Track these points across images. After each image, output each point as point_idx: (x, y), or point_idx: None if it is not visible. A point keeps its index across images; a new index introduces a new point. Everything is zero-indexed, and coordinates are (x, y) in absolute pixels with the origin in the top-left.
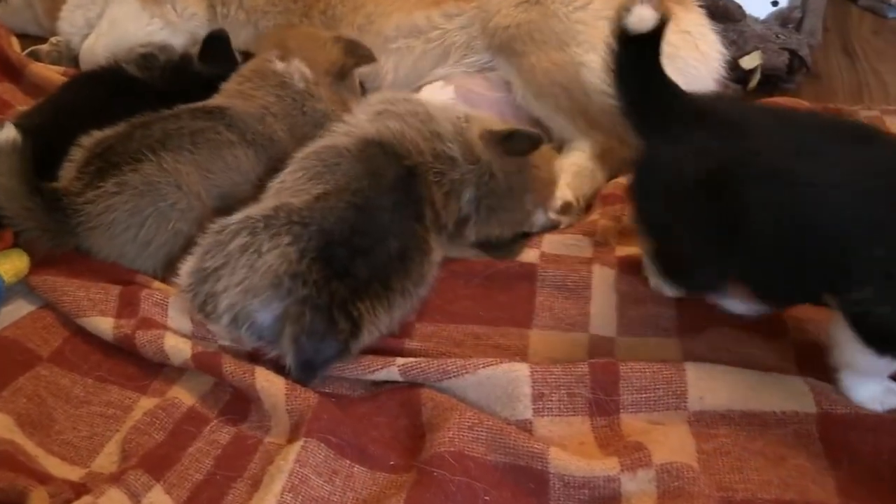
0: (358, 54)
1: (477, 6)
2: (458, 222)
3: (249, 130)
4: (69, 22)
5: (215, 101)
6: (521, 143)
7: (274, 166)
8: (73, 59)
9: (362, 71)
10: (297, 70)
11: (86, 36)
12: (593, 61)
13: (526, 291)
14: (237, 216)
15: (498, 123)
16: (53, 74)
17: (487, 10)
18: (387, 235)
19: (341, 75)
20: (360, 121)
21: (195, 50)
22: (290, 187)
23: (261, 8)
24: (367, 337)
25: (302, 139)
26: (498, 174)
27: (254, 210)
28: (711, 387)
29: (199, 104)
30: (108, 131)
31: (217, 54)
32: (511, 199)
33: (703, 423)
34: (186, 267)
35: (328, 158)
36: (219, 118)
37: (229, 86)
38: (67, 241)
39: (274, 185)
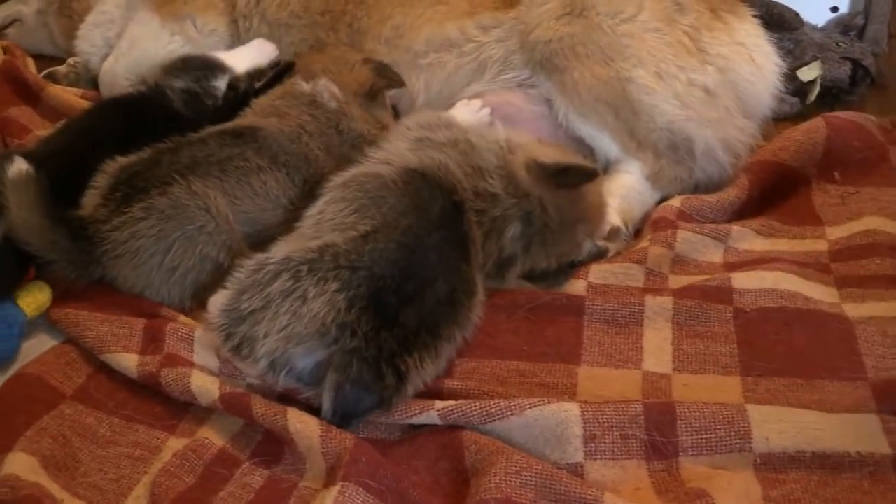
0: (387, 76)
1: (515, 18)
2: (499, 263)
3: (283, 151)
4: (87, 42)
5: (248, 119)
6: (573, 178)
7: (310, 189)
8: (92, 81)
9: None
10: (326, 89)
11: (105, 56)
12: (641, 77)
13: (573, 325)
14: (276, 254)
15: (544, 150)
16: (71, 97)
17: (527, 22)
18: (436, 277)
19: (371, 96)
20: (400, 148)
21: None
22: (331, 220)
23: (284, 21)
24: (411, 389)
25: (340, 160)
26: (549, 208)
27: (296, 251)
28: (778, 427)
29: (230, 124)
30: (132, 157)
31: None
32: (563, 231)
33: (770, 466)
34: (218, 303)
35: (372, 190)
36: (249, 141)
37: (263, 101)
38: (93, 272)
39: (312, 214)
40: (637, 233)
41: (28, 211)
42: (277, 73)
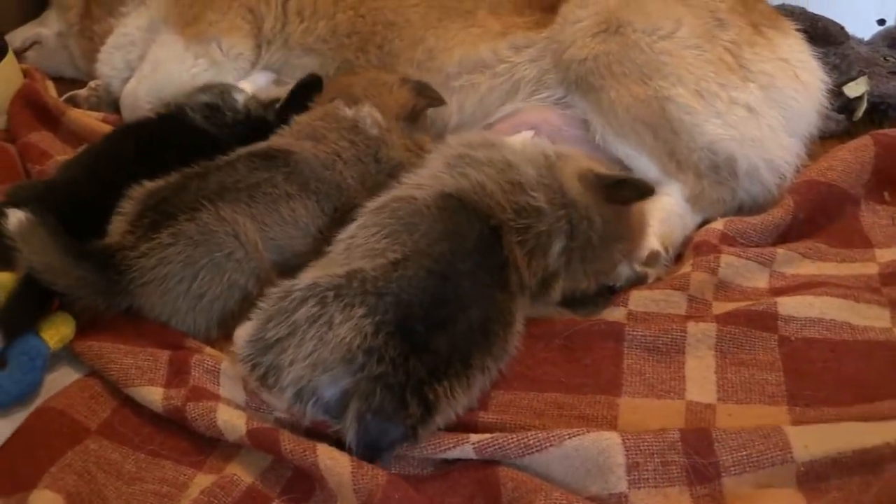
0: (428, 95)
1: (548, 37)
2: (543, 280)
3: (314, 178)
4: (108, 64)
5: (281, 141)
6: (628, 192)
7: (340, 217)
8: (114, 104)
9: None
10: (369, 115)
11: (126, 79)
12: (680, 95)
13: (612, 352)
14: (303, 281)
15: (596, 164)
16: (92, 121)
17: (560, 40)
18: (469, 305)
19: (413, 118)
20: (436, 170)
21: (259, 95)
22: (361, 245)
23: (310, 46)
24: (440, 421)
25: (373, 188)
26: (596, 219)
27: (322, 276)
28: (816, 434)
29: (262, 146)
30: (159, 182)
31: (308, 100)
32: (603, 247)
33: (813, 475)
34: (244, 334)
35: (405, 216)
36: (280, 166)
37: (303, 119)
38: (121, 301)
39: (343, 239)
40: (678, 257)
41: (46, 255)
42: (299, 87)
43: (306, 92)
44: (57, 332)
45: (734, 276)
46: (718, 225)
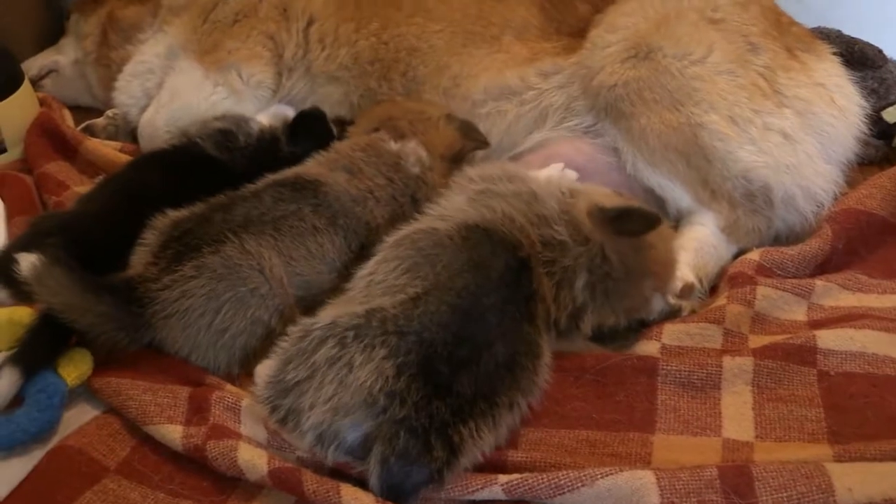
0: (474, 137)
1: (577, 63)
2: (571, 314)
3: (343, 214)
4: (126, 93)
5: (313, 169)
6: (634, 223)
7: (365, 254)
8: (131, 134)
9: None
10: (414, 153)
11: (144, 108)
12: (713, 122)
13: (645, 388)
14: (322, 320)
15: (608, 197)
16: (110, 151)
17: (589, 66)
18: (494, 341)
19: (457, 159)
20: (458, 202)
21: (274, 124)
22: (381, 282)
23: (332, 74)
24: (466, 462)
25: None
26: (611, 256)
27: (342, 315)
28: (860, 477)
29: (291, 173)
30: (184, 212)
31: (310, 133)
32: (628, 283)
33: None
34: (264, 375)
35: (426, 247)
36: (308, 197)
37: (343, 148)
38: (144, 336)
39: (363, 276)
40: (713, 289)
41: (65, 295)
42: (300, 120)
43: (308, 124)
44: (75, 368)
45: (771, 309)
46: (754, 255)
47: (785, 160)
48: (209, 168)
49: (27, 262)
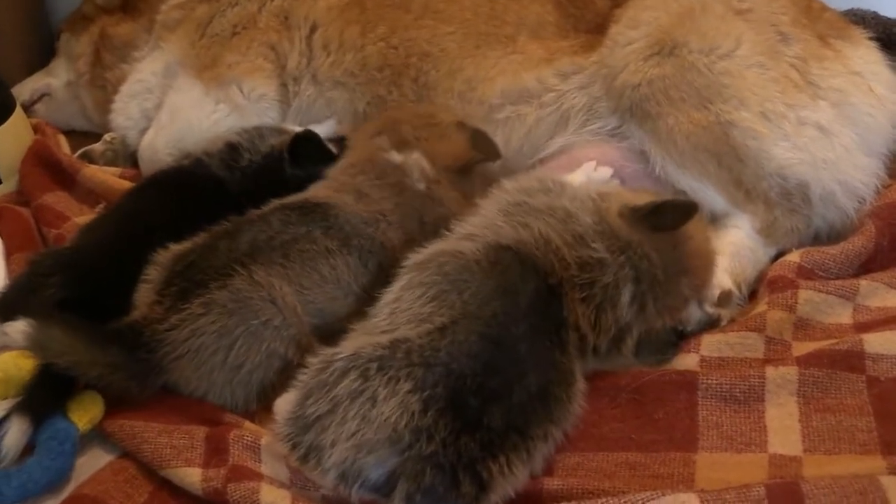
0: (485, 148)
1: (598, 61)
2: (614, 338)
3: (356, 235)
4: (123, 115)
5: (320, 193)
6: (671, 216)
7: (385, 275)
8: (131, 158)
9: None
10: (417, 166)
11: (144, 130)
12: (745, 119)
13: (685, 404)
14: (344, 350)
15: (637, 194)
16: (110, 178)
17: (611, 65)
18: (526, 371)
19: (465, 171)
20: (490, 218)
21: (280, 141)
22: (406, 310)
23: (339, 80)
24: (497, 497)
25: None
26: (652, 255)
27: (365, 346)
28: None
29: (298, 198)
30: (186, 244)
31: (308, 156)
32: (669, 282)
33: None
34: (284, 410)
35: (452, 272)
36: (318, 220)
37: (339, 177)
38: (156, 380)
39: (387, 302)
40: (752, 295)
41: (69, 354)
42: (295, 144)
43: (303, 148)
44: (86, 412)
45: (814, 313)
46: (794, 257)
47: (822, 155)
48: (213, 189)
49: (17, 330)
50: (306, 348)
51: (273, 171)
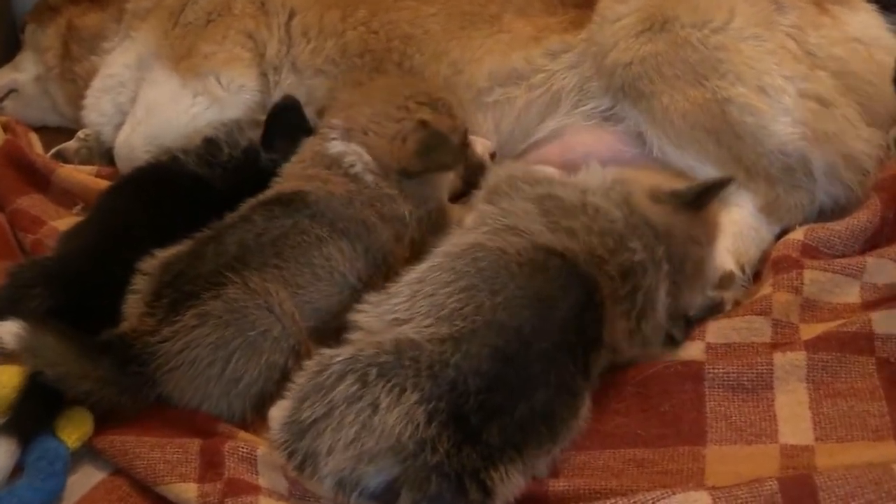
0: (436, 159)
1: (587, 39)
2: (647, 340)
3: (339, 217)
4: (96, 110)
5: (288, 184)
6: (712, 193)
7: (375, 265)
8: (107, 154)
9: None
10: (358, 158)
11: (118, 125)
12: (742, 95)
13: (692, 396)
14: (342, 352)
15: (649, 175)
16: (85, 177)
17: (600, 43)
18: (534, 389)
19: (410, 177)
20: (526, 213)
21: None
22: (429, 296)
23: (319, 68)
24: (501, 502)
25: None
26: (684, 238)
27: (364, 347)
28: None
29: (272, 193)
30: (172, 250)
31: (285, 129)
32: (700, 262)
33: None
34: (279, 415)
35: (488, 271)
36: (301, 209)
37: (292, 169)
38: (149, 393)
39: (410, 281)
40: (756, 275)
41: (59, 364)
42: (275, 112)
43: (284, 117)
44: (75, 429)
45: (821, 294)
46: (798, 235)
47: (823, 128)
48: (193, 187)
49: (10, 332)
50: (305, 356)
51: (254, 165)
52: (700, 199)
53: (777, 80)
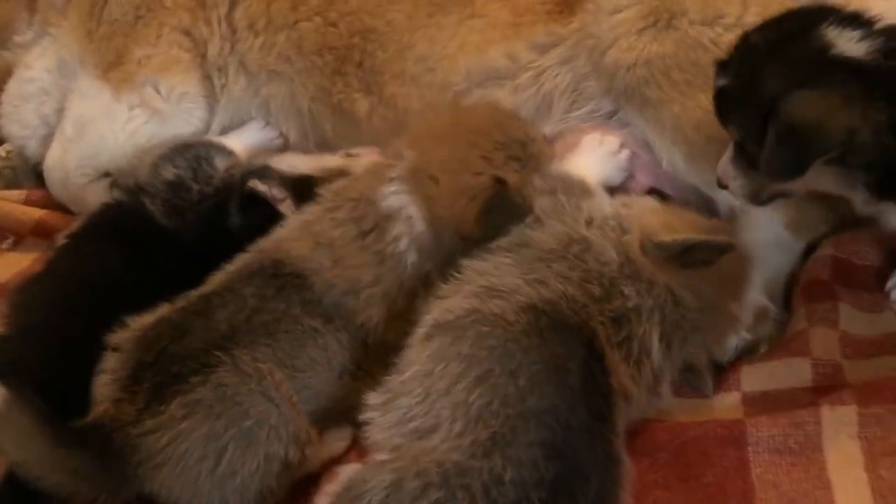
0: (490, 223)
1: (579, 30)
2: (650, 385)
3: (337, 313)
4: (16, 121)
5: (295, 246)
6: (704, 255)
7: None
8: (35, 172)
9: None
10: (407, 223)
11: (44, 138)
12: None
13: (736, 464)
14: (373, 478)
15: (655, 212)
16: (14, 206)
17: (597, 35)
18: (588, 477)
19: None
20: (498, 265)
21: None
22: (445, 394)
23: (271, 68)
24: None
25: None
26: (681, 294)
27: (405, 473)
28: None
29: (269, 257)
30: (148, 321)
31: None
32: (709, 315)
33: None
34: None
35: (498, 346)
36: (293, 293)
37: (321, 219)
38: (129, 490)
39: (415, 375)
40: (787, 301)
41: (28, 448)
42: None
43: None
44: None
45: (860, 328)
46: (827, 250)
47: None
48: (161, 240)
49: None
50: (305, 443)
51: (218, 216)
52: (688, 257)
53: None
